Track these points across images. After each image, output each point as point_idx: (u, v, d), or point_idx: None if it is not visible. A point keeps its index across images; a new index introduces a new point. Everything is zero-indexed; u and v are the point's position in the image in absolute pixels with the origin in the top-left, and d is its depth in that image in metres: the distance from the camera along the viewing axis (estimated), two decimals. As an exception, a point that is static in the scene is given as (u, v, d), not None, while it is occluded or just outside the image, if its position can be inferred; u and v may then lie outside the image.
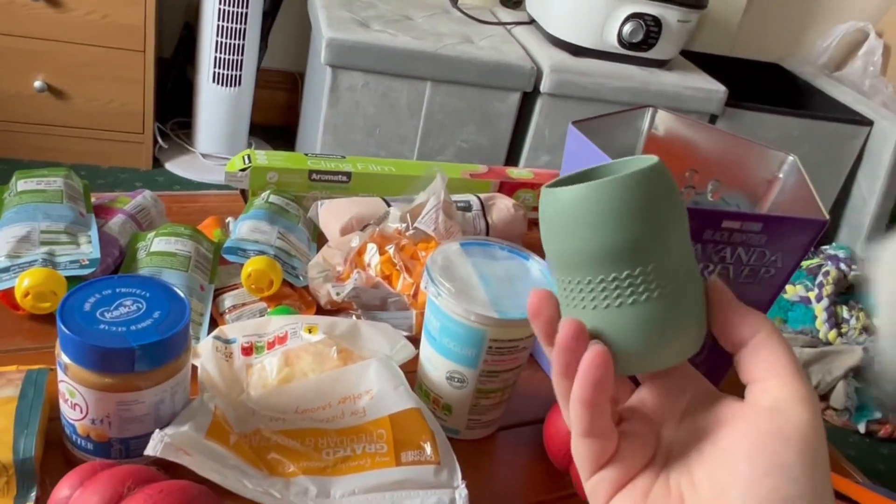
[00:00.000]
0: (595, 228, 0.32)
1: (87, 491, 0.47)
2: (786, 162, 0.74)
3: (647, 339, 0.34)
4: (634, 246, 0.32)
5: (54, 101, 2.14)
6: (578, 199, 0.33)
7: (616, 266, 0.33)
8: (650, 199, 0.32)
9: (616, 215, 0.32)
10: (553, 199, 0.34)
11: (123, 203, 0.81)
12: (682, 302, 0.34)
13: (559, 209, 0.33)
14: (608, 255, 0.33)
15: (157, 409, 0.54)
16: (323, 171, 0.93)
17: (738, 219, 0.59)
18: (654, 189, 0.33)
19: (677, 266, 0.34)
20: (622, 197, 0.32)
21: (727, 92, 2.13)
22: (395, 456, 0.56)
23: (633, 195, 0.32)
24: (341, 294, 0.74)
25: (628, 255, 0.33)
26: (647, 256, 0.33)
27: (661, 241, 0.33)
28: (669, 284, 0.33)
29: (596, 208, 0.32)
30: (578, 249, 0.33)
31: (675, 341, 0.34)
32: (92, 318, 0.52)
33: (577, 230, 0.33)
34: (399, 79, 1.97)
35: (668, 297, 0.33)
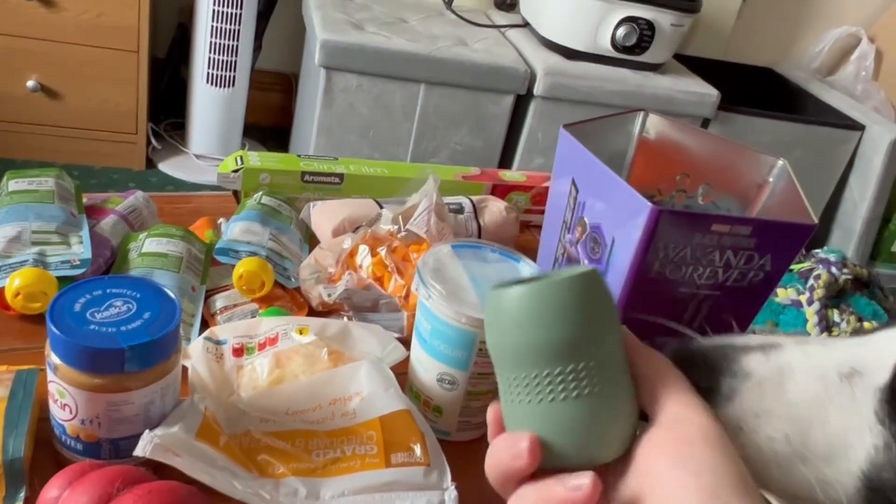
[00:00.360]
0: (533, 326, 0.36)
1: (76, 491, 0.47)
2: (776, 166, 0.74)
3: (579, 434, 0.36)
4: (568, 344, 0.35)
5: (47, 101, 2.14)
6: (518, 297, 0.36)
7: (551, 363, 0.36)
8: (584, 301, 0.36)
9: (553, 314, 0.36)
10: (496, 298, 0.37)
11: (115, 203, 0.81)
12: (613, 399, 0.36)
13: (501, 307, 0.37)
14: (543, 351, 0.36)
15: (147, 410, 0.54)
16: (315, 173, 0.93)
17: (728, 222, 0.59)
18: (588, 293, 0.36)
19: (608, 366, 0.37)
20: (559, 298, 0.36)
21: (720, 96, 2.14)
22: (384, 457, 0.56)
23: (569, 296, 0.36)
24: (333, 295, 0.74)
25: (562, 353, 0.35)
26: (580, 355, 0.36)
27: (593, 342, 0.36)
28: (600, 384, 0.36)
29: (534, 307, 0.36)
30: (516, 345, 0.36)
31: (611, 436, 0.37)
32: (82, 319, 0.52)
33: (515, 327, 0.36)
34: (393, 81, 1.97)
35: (600, 394, 0.36)
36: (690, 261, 0.62)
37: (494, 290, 0.37)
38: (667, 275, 0.62)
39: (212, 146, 2.32)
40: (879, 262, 2.54)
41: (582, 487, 0.35)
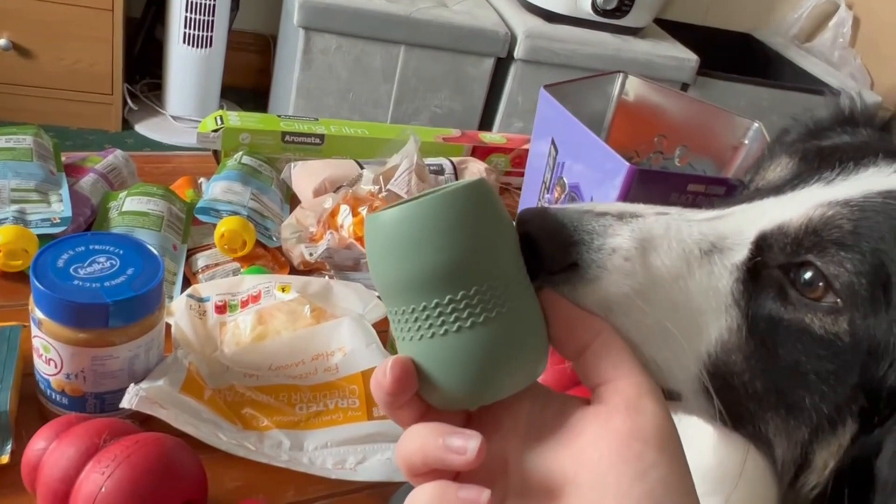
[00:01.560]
0: (413, 250, 0.31)
1: (64, 443, 0.48)
2: (751, 128, 0.75)
3: (477, 369, 0.31)
4: (453, 267, 0.30)
5: (20, 60, 2.09)
6: (396, 219, 0.31)
7: (435, 291, 0.31)
8: (465, 219, 0.31)
9: (428, 238, 0.30)
10: (373, 223, 0.32)
11: (94, 162, 0.81)
12: (513, 325, 0.31)
13: (379, 232, 0.32)
14: (426, 279, 0.31)
15: (132, 365, 0.54)
16: (296, 133, 0.93)
17: (703, 182, 0.61)
18: (470, 208, 0.31)
19: (505, 287, 0.31)
20: (434, 218, 0.30)
21: (699, 61, 2.14)
22: (367, 410, 0.58)
23: (450, 212, 0.30)
24: (314, 254, 0.75)
25: (447, 279, 0.30)
26: (467, 279, 0.31)
27: (482, 261, 0.31)
28: (496, 308, 0.31)
29: (408, 231, 0.31)
30: (393, 276, 0.31)
31: (511, 367, 0.32)
32: (66, 275, 0.52)
33: (389, 255, 0.31)
34: (373, 42, 1.96)
35: (495, 321, 0.31)
36: (666, 220, 0.63)
37: (370, 214, 0.33)
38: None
39: (189, 108, 2.29)
40: (852, 227, 2.58)
41: (465, 451, 0.30)
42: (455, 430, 0.31)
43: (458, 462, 0.31)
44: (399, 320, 0.32)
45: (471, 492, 0.30)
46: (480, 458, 0.30)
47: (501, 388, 0.32)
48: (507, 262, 0.32)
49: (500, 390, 0.32)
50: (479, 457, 0.30)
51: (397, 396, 0.32)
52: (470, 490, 0.30)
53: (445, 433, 0.31)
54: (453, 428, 0.31)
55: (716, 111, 0.77)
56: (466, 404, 0.33)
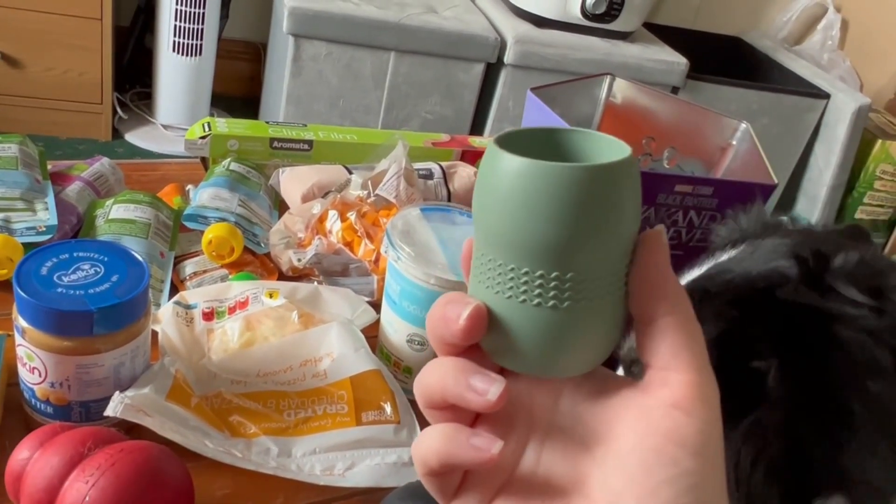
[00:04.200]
0: (535, 214, 0.28)
1: (48, 452, 0.47)
2: (739, 129, 0.75)
3: (543, 346, 0.30)
4: (564, 247, 0.28)
5: (9, 70, 2.09)
6: (515, 171, 0.28)
7: (535, 261, 0.29)
8: (607, 198, 0.28)
9: (564, 207, 0.28)
10: (503, 163, 0.29)
11: (81, 170, 0.80)
12: (591, 320, 0.30)
13: (506, 176, 0.29)
14: (534, 247, 0.29)
15: (117, 373, 0.54)
16: (284, 139, 0.93)
17: (690, 182, 0.61)
18: (617, 187, 0.28)
19: (602, 282, 0.30)
20: (581, 188, 0.27)
21: (688, 64, 2.15)
22: (355, 416, 0.57)
23: (593, 189, 0.28)
24: (303, 260, 0.75)
25: (553, 255, 0.28)
26: (571, 263, 0.29)
27: (595, 251, 0.29)
28: (584, 300, 0.29)
29: (546, 192, 0.28)
30: (493, 225, 0.29)
31: (574, 355, 0.31)
32: (49, 282, 0.51)
33: (498, 202, 0.29)
34: (362, 49, 1.96)
35: (577, 311, 0.29)
36: (655, 221, 0.63)
37: (497, 143, 0.29)
38: (631, 235, 0.63)
39: (179, 116, 2.29)
40: (843, 228, 2.59)
41: (487, 393, 0.29)
42: (481, 370, 0.30)
43: (477, 403, 0.29)
44: (487, 267, 0.30)
45: (483, 440, 0.29)
46: (500, 404, 0.29)
47: (556, 370, 0.31)
48: (616, 256, 0.30)
49: (555, 371, 0.31)
50: (499, 402, 0.29)
51: (462, 340, 0.30)
52: (483, 438, 0.29)
53: (470, 372, 0.30)
54: (479, 368, 0.30)
55: (704, 112, 0.77)
56: (519, 369, 0.31)
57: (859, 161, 2.47)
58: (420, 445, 0.30)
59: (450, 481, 0.31)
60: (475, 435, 0.29)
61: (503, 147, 0.29)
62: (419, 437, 0.31)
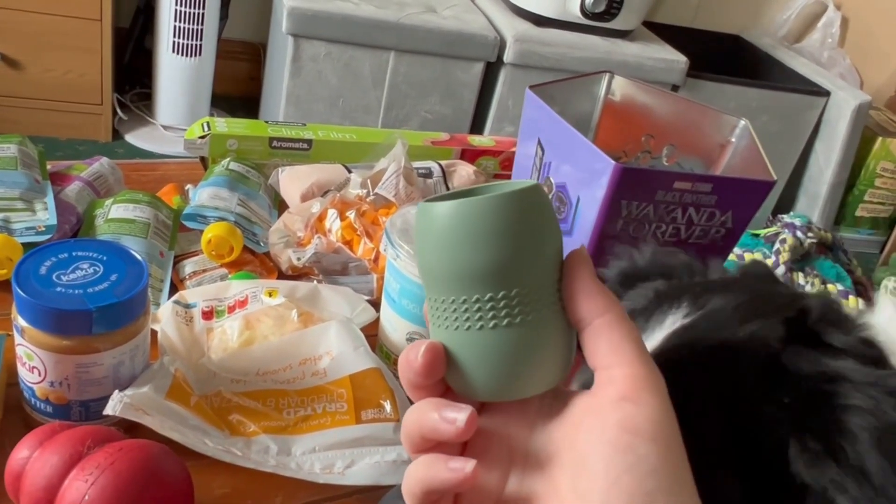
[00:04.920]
0: (463, 247, 0.32)
1: (47, 451, 0.47)
2: (738, 126, 0.75)
3: (504, 367, 0.32)
4: (493, 271, 0.31)
5: (9, 71, 2.09)
6: (450, 214, 0.32)
7: (479, 287, 0.32)
8: (517, 223, 0.31)
9: (478, 237, 0.31)
10: (426, 214, 0.33)
11: (80, 170, 0.80)
12: (544, 330, 0.32)
13: (432, 223, 0.32)
14: (472, 275, 0.32)
15: (117, 372, 0.54)
16: (283, 139, 0.93)
17: (689, 180, 0.61)
18: (523, 213, 0.32)
19: (542, 293, 0.32)
20: (488, 219, 0.31)
21: (688, 63, 2.15)
22: (354, 414, 0.57)
23: (499, 218, 0.31)
24: (302, 259, 0.75)
25: (486, 279, 0.32)
26: (512, 280, 0.32)
27: (523, 269, 0.32)
28: (533, 312, 0.32)
29: (459, 227, 0.32)
30: (437, 267, 0.32)
31: (535, 371, 0.33)
32: (48, 281, 0.51)
33: (446, 247, 0.32)
34: (362, 48, 1.96)
35: (530, 324, 0.32)
36: (653, 218, 0.63)
37: (423, 203, 0.33)
38: (630, 232, 0.63)
39: (179, 117, 2.29)
40: (843, 226, 2.59)
41: (456, 421, 0.31)
42: (451, 403, 0.32)
43: (449, 431, 0.32)
44: (437, 308, 0.33)
45: (458, 462, 0.31)
46: (470, 430, 0.31)
47: (522, 389, 0.33)
48: (549, 268, 0.33)
49: (520, 391, 0.33)
50: (468, 427, 0.31)
51: (425, 378, 0.33)
52: (458, 461, 0.32)
53: (441, 406, 0.32)
54: (449, 402, 0.32)
55: (703, 110, 0.77)
56: (487, 397, 0.34)
57: (860, 159, 2.47)
58: (406, 477, 0.33)
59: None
60: (452, 459, 0.32)
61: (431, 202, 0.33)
62: (406, 472, 0.33)
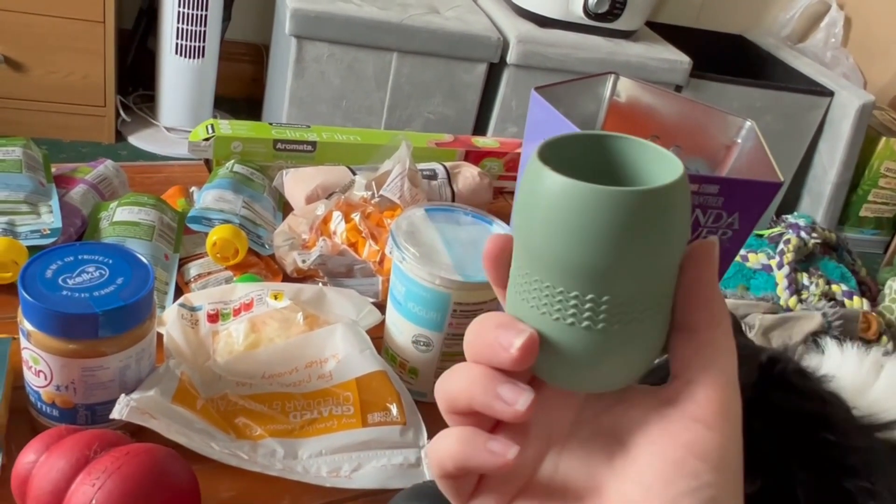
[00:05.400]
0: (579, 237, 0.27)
1: (54, 455, 0.47)
2: (744, 127, 0.75)
3: (583, 365, 0.30)
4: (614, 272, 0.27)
5: (12, 73, 2.09)
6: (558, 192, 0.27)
7: (582, 285, 0.28)
8: (658, 222, 0.27)
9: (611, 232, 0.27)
10: (534, 172, 0.28)
11: (85, 173, 0.80)
12: (640, 338, 0.30)
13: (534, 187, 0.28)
14: (580, 271, 0.28)
15: (123, 375, 0.54)
16: (288, 141, 0.92)
17: (696, 181, 0.60)
18: (667, 211, 0.27)
19: (652, 300, 0.29)
20: (630, 212, 0.26)
21: (691, 63, 2.15)
22: (361, 417, 0.57)
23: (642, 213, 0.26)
24: (307, 262, 0.75)
25: (603, 279, 0.28)
26: (623, 286, 0.28)
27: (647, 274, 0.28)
28: (634, 321, 0.29)
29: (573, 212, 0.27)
30: (548, 249, 0.28)
31: (614, 373, 0.30)
32: (54, 285, 0.51)
33: (541, 222, 0.28)
34: (365, 49, 1.96)
35: (626, 332, 0.29)
36: (660, 220, 0.62)
37: (541, 160, 0.28)
38: (637, 234, 0.63)
39: (182, 118, 2.29)
40: (847, 226, 2.58)
41: (515, 403, 0.29)
42: (510, 380, 0.29)
43: (505, 413, 0.29)
44: (527, 284, 0.30)
45: (500, 445, 0.29)
46: (528, 415, 0.29)
47: (587, 386, 0.31)
48: (669, 275, 0.29)
49: (592, 387, 0.31)
50: (527, 413, 0.29)
51: (513, 368, 0.29)
52: (499, 443, 0.29)
53: (499, 381, 0.29)
54: (508, 378, 0.29)
55: (708, 111, 0.77)
56: (554, 384, 0.31)
57: (863, 159, 2.46)
58: (436, 448, 0.30)
59: (465, 484, 0.31)
60: (492, 439, 0.29)
61: (546, 161, 0.28)
62: (435, 439, 0.30)
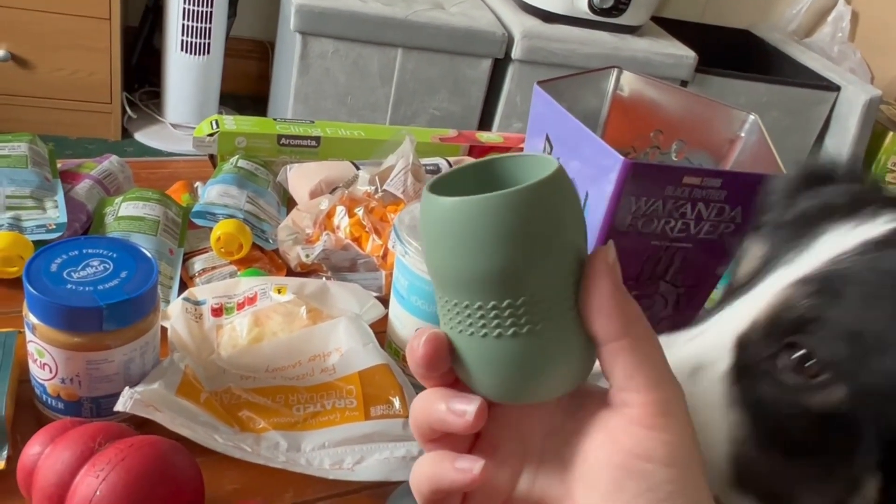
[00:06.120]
0: (464, 249, 0.28)
1: (59, 447, 0.47)
2: (747, 121, 0.75)
3: (510, 375, 0.30)
4: (506, 276, 0.28)
5: (19, 70, 2.10)
6: (449, 210, 0.28)
7: (480, 294, 0.28)
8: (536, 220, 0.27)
9: (491, 238, 0.27)
10: (427, 203, 0.29)
11: (90, 168, 0.81)
12: (555, 340, 0.30)
13: (431, 215, 0.29)
14: (474, 280, 0.28)
15: (127, 369, 0.54)
16: (292, 136, 0.93)
17: (699, 175, 0.60)
18: (544, 207, 0.27)
19: (556, 298, 0.29)
20: (502, 216, 0.27)
21: (697, 58, 2.14)
22: (364, 410, 0.57)
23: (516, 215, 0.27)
24: (311, 256, 0.75)
25: (497, 285, 0.28)
26: (519, 288, 0.28)
27: (541, 272, 0.28)
28: (542, 321, 0.29)
29: (468, 226, 0.27)
30: (441, 266, 0.29)
31: (545, 379, 0.30)
32: (59, 279, 0.52)
33: (441, 246, 0.29)
34: (370, 45, 1.96)
35: (538, 334, 0.29)
36: (663, 214, 0.62)
37: (427, 189, 0.29)
38: (639, 228, 0.63)
39: (188, 115, 2.30)
40: (854, 221, 2.57)
41: (465, 414, 0.30)
42: (458, 394, 0.31)
43: (458, 424, 0.30)
44: (441, 306, 0.31)
45: (466, 462, 0.31)
46: (479, 423, 0.30)
47: (530, 395, 0.31)
48: (566, 271, 0.29)
49: (529, 397, 0.31)
50: (477, 420, 0.30)
51: (426, 369, 0.31)
52: (466, 460, 0.31)
53: (449, 397, 0.31)
54: (457, 392, 0.31)
55: (712, 104, 0.77)
56: (494, 399, 0.32)
57: (871, 154, 2.46)
58: (413, 474, 0.32)
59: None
60: (459, 458, 0.31)
61: (435, 191, 0.29)
62: (414, 466, 0.33)
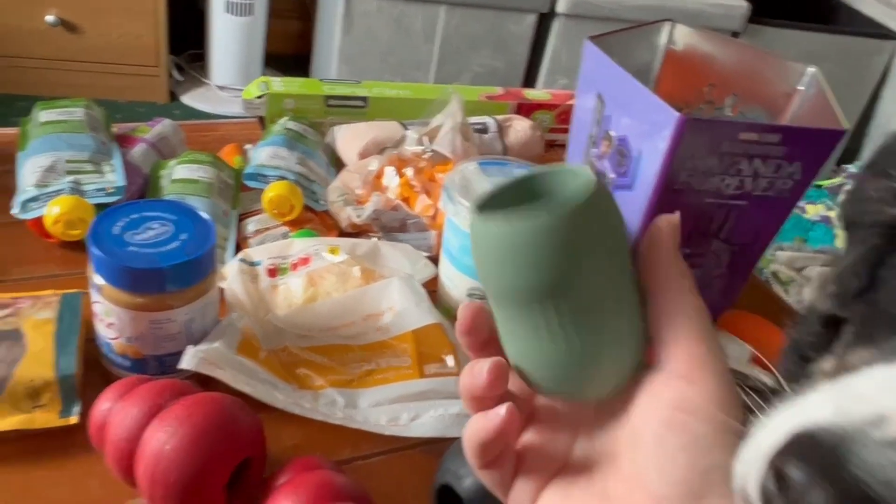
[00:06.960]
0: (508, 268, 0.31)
1: (128, 403, 0.49)
2: (805, 74, 0.73)
3: (561, 378, 0.33)
4: (553, 286, 0.31)
5: (67, 35, 2.13)
6: (495, 236, 0.31)
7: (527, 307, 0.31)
8: (577, 240, 0.30)
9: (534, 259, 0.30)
10: (474, 227, 0.32)
11: (144, 132, 0.82)
12: (603, 341, 0.32)
13: (477, 238, 0.32)
14: (519, 294, 0.31)
15: (189, 328, 0.56)
16: (339, 97, 0.93)
17: (756, 130, 0.59)
18: (585, 227, 0.30)
19: (604, 302, 0.31)
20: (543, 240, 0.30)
21: (749, 7, 2.08)
22: (418, 368, 0.58)
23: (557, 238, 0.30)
24: (361, 216, 0.76)
25: (543, 296, 0.31)
26: (565, 297, 0.31)
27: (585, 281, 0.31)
28: (591, 323, 0.31)
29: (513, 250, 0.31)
30: (491, 281, 0.32)
31: (596, 380, 0.33)
32: (121, 241, 0.53)
33: (491, 264, 0.32)
34: (413, 3, 1.94)
35: (586, 337, 0.32)
36: (717, 171, 0.61)
37: (474, 214, 0.32)
38: (693, 185, 0.62)
39: (233, 76, 2.31)
40: (912, 176, 2.49)
41: (481, 374, 0.32)
42: (480, 360, 0.33)
43: (476, 385, 0.33)
44: (499, 315, 0.33)
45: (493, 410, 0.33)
46: (491, 378, 0.32)
47: (582, 395, 0.33)
48: (613, 276, 0.32)
49: (581, 397, 0.34)
50: (489, 376, 0.32)
51: (465, 336, 0.34)
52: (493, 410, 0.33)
53: (474, 363, 0.34)
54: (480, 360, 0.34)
55: (767, 57, 0.75)
56: (550, 397, 0.35)
57: (930, 105, 2.37)
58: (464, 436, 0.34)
59: (502, 472, 0.34)
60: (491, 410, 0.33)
61: (480, 210, 0.33)
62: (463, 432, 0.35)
